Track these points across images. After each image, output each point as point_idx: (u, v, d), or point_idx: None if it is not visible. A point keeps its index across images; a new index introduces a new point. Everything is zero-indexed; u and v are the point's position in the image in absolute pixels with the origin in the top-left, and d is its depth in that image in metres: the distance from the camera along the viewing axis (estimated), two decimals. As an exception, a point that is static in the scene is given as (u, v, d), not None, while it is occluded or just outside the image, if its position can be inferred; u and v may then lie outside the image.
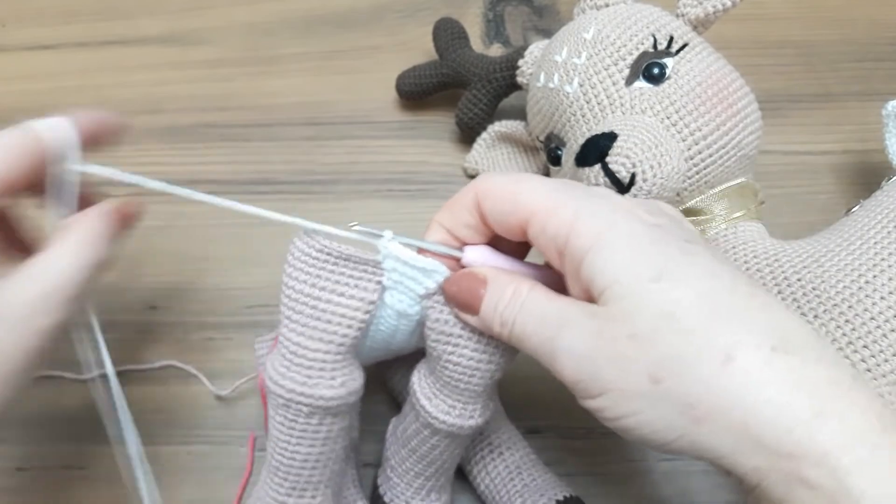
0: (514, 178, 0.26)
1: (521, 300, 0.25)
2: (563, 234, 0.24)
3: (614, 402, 0.23)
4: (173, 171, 0.48)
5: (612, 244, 0.23)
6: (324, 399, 0.28)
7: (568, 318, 0.24)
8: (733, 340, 0.21)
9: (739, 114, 0.35)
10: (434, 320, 0.28)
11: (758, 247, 0.34)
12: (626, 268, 0.22)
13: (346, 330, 0.28)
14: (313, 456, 0.29)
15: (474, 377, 0.28)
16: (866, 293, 0.31)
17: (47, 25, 0.53)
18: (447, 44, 0.46)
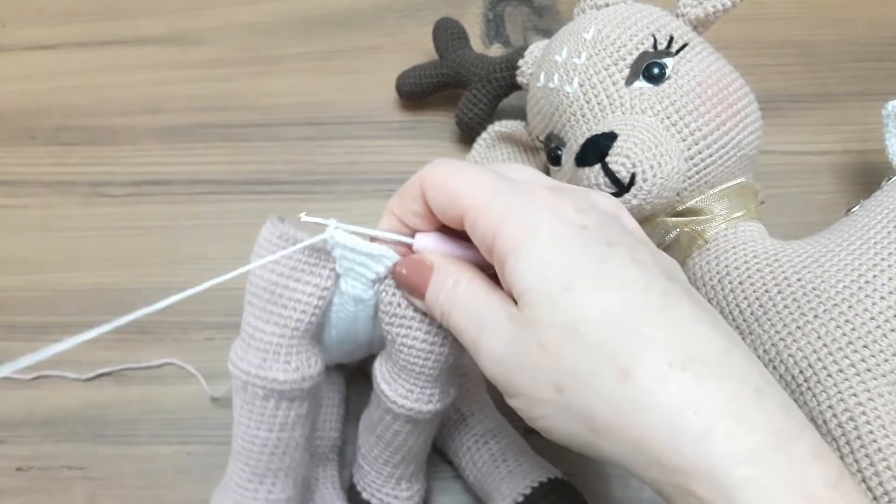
0: (454, 170, 0.26)
1: (458, 292, 0.25)
2: (490, 234, 0.24)
3: (527, 405, 0.24)
4: (173, 171, 0.48)
5: (530, 250, 0.23)
6: (277, 382, 0.28)
7: (492, 320, 0.24)
8: (632, 357, 0.21)
9: (739, 114, 0.35)
10: (387, 303, 0.28)
11: (758, 247, 0.34)
12: (540, 276, 0.23)
13: (300, 315, 0.28)
14: (272, 441, 0.29)
15: (428, 360, 0.29)
16: (866, 293, 0.31)
17: (47, 25, 0.53)
18: (447, 44, 0.46)
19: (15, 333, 0.43)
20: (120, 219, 0.46)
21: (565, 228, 0.23)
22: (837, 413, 0.29)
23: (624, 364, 0.21)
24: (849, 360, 0.30)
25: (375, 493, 0.34)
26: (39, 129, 0.49)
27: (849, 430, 0.29)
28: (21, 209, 0.47)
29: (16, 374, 0.42)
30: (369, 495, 0.34)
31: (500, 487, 0.34)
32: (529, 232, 0.23)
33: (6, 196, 0.47)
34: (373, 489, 0.34)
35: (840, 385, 0.29)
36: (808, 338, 0.31)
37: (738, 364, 0.22)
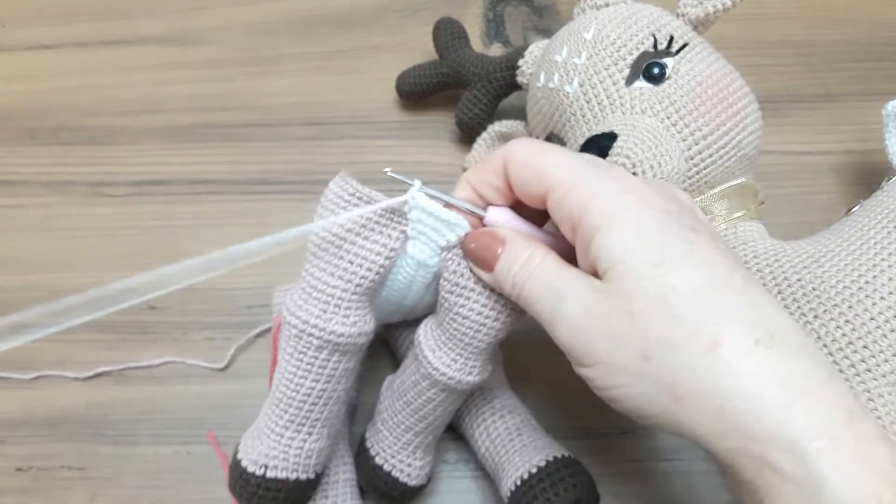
0: (540, 149, 0.27)
1: (533, 265, 0.26)
2: (577, 211, 0.25)
3: (604, 373, 0.24)
4: (173, 171, 0.48)
5: (620, 226, 0.24)
6: (335, 335, 0.29)
7: (572, 288, 0.25)
8: (720, 330, 0.22)
9: (739, 114, 0.35)
10: (451, 272, 0.29)
11: (758, 247, 0.34)
12: (631, 250, 0.24)
13: (365, 272, 0.29)
14: (316, 391, 0.30)
15: (480, 332, 0.30)
16: (866, 293, 0.31)
17: (47, 25, 0.53)
18: (447, 44, 0.46)
19: (15, 334, 0.43)
20: (120, 219, 0.46)
21: (652, 210, 0.25)
22: None
23: (711, 336, 0.22)
24: (849, 361, 0.30)
25: (389, 459, 0.35)
26: (39, 129, 0.49)
27: None
28: (21, 209, 0.47)
29: (16, 374, 0.42)
30: (382, 460, 0.35)
31: (512, 459, 0.35)
32: (619, 209, 0.24)
33: (6, 196, 0.47)
34: (387, 454, 0.35)
35: None
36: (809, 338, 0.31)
37: (812, 347, 0.23)
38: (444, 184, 0.47)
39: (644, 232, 0.24)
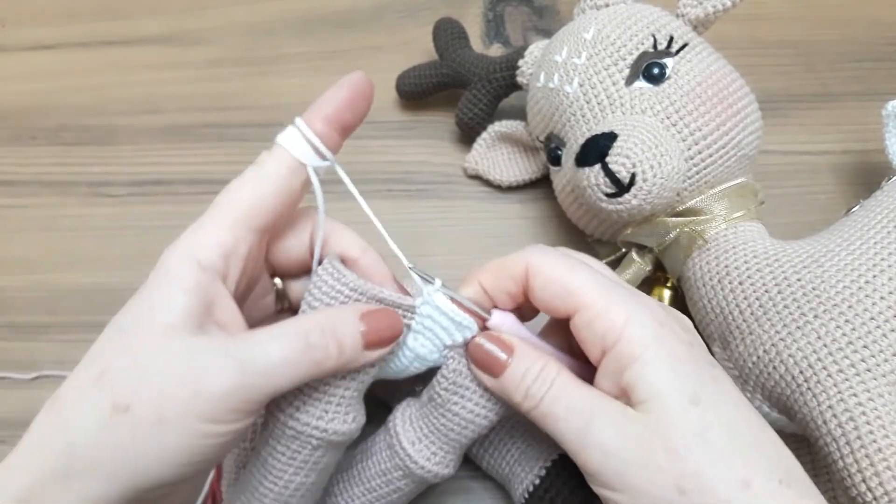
0: (568, 265, 0.27)
1: (551, 378, 0.27)
2: (612, 336, 0.25)
3: (633, 500, 0.25)
4: (173, 171, 0.48)
5: (658, 359, 0.25)
6: (337, 434, 0.28)
7: (604, 413, 0.26)
8: (749, 469, 0.24)
9: (739, 114, 0.35)
10: (451, 370, 0.29)
11: (758, 247, 0.34)
12: (670, 385, 0.25)
13: (370, 368, 0.28)
14: (305, 485, 0.29)
15: (467, 428, 0.30)
16: (866, 293, 0.31)
17: (47, 25, 0.53)
18: (447, 44, 0.46)
19: (15, 333, 0.43)
20: (120, 219, 0.46)
21: (682, 344, 0.26)
22: (837, 413, 0.29)
23: (744, 474, 0.24)
24: (849, 360, 0.30)
25: None
26: (39, 129, 0.49)
27: (849, 431, 0.29)
28: (21, 209, 0.47)
29: (16, 374, 0.42)
30: None
31: (514, 470, 0.35)
32: (656, 341, 0.25)
33: (6, 196, 0.47)
34: None
35: (840, 385, 0.29)
36: (808, 338, 0.31)
37: (814, 486, 0.25)
38: (444, 184, 0.47)
39: (679, 367, 0.25)
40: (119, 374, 0.24)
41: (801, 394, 0.31)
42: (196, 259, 0.25)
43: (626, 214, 0.34)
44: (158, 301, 0.25)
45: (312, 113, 0.28)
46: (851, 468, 0.29)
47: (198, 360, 0.24)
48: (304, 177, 0.27)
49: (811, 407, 0.30)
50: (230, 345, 0.24)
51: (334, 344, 0.25)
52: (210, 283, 0.25)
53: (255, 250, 0.27)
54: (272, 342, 0.25)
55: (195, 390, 0.23)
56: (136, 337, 0.24)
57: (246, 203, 0.26)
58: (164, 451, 0.23)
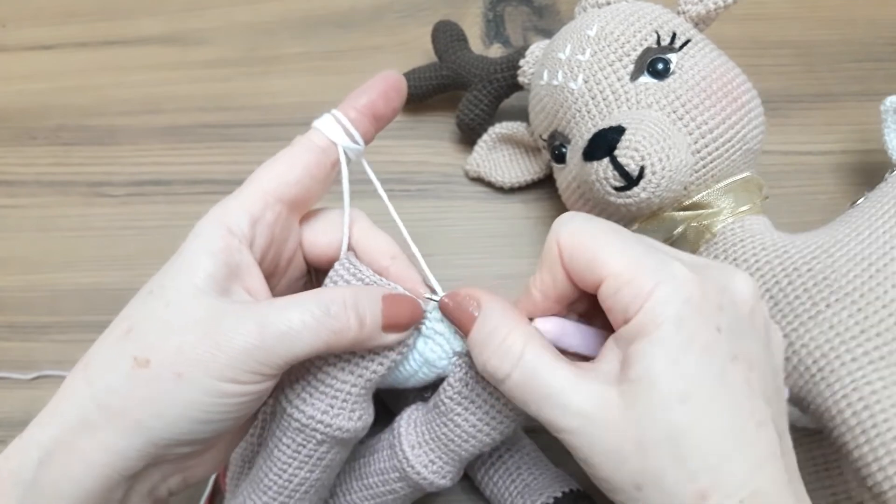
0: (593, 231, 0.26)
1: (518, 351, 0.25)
2: (635, 307, 0.24)
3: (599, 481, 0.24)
4: (173, 170, 0.48)
5: (666, 343, 0.23)
6: (341, 430, 0.28)
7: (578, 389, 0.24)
8: (713, 484, 0.23)
9: (744, 108, 0.35)
10: (458, 379, 0.29)
11: (766, 239, 0.34)
12: (664, 376, 0.23)
13: (376, 367, 0.28)
14: (310, 481, 0.29)
15: (469, 442, 0.29)
16: (877, 281, 0.31)
17: (47, 25, 0.53)
18: (446, 46, 0.46)
19: (15, 333, 0.43)
20: (120, 219, 0.46)
21: (702, 329, 0.24)
22: (853, 402, 0.29)
23: (705, 488, 0.23)
24: (862, 349, 0.30)
25: None
26: (39, 129, 0.49)
27: (864, 419, 0.29)
28: (21, 209, 0.47)
29: (16, 374, 0.42)
30: None
31: (516, 501, 0.34)
32: (674, 322, 0.23)
33: (6, 196, 0.47)
34: None
35: (855, 374, 0.29)
36: (821, 327, 0.31)
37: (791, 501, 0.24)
38: (444, 184, 0.47)
39: (685, 358, 0.23)
40: (142, 330, 0.25)
41: (814, 384, 0.31)
42: (225, 224, 0.27)
43: (635, 208, 0.34)
44: (186, 263, 0.26)
45: (347, 103, 0.30)
46: (868, 457, 0.29)
47: (218, 320, 0.25)
48: (334, 157, 0.29)
49: (825, 397, 0.30)
50: (251, 308, 0.25)
51: (355, 317, 0.26)
52: (237, 248, 0.27)
53: (284, 222, 0.29)
54: (293, 308, 0.25)
55: (213, 348, 0.24)
56: (163, 297, 0.25)
57: (275, 173, 0.28)
58: (182, 406, 0.24)
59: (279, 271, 0.30)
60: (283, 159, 0.29)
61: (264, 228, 0.28)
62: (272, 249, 0.29)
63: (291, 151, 0.29)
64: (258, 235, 0.27)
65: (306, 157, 0.29)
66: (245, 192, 0.28)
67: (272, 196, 0.28)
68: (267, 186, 0.28)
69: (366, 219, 0.31)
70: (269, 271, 0.29)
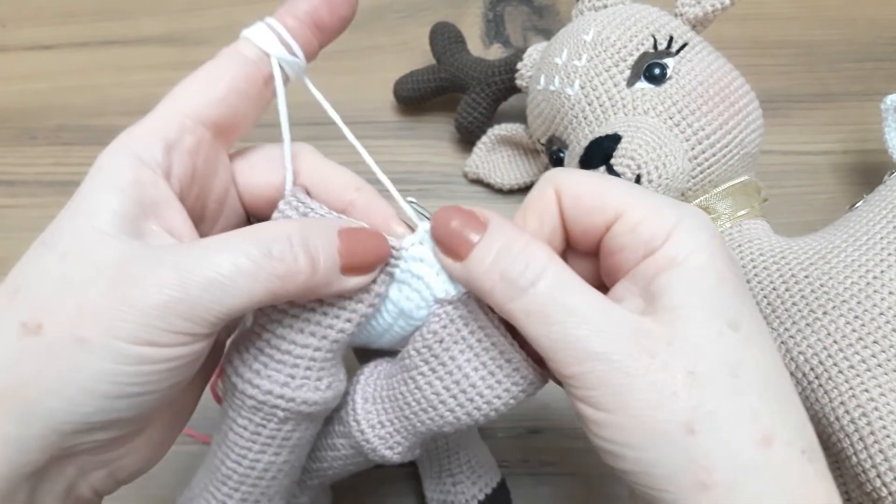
0: (600, 177, 0.24)
1: (541, 265, 0.21)
2: (659, 238, 0.21)
3: (623, 428, 0.20)
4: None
5: (704, 269, 0.21)
6: (306, 403, 0.23)
7: (612, 320, 0.21)
8: (775, 426, 0.20)
9: (741, 112, 0.35)
10: (432, 331, 0.24)
11: (763, 244, 0.34)
12: (709, 301, 0.21)
13: (343, 324, 0.23)
14: (276, 465, 0.25)
15: (427, 413, 0.25)
16: (874, 288, 0.31)
17: (47, 25, 0.53)
18: (444, 48, 0.46)
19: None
20: (120, 219, 0.46)
21: (731, 264, 0.22)
22: (850, 409, 0.29)
23: (768, 430, 0.20)
24: (859, 356, 0.30)
25: None
26: (39, 129, 0.49)
27: (861, 426, 0.29)
28: (21, 209, 0.47)
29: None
30: None
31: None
32: (706, 250, 0.21)
33: (6, 196, 0.47)
34: None
35: (851, 381, 0.29)
36: (818, 334, 0.31)
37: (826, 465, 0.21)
38: (444, 184, 0.47)
39: (724, 288, 0.21)
40: (32, 289, 0.20)
41: (812, 391, 0.31)
42: (134, 152, 0.22)
43: (631, 215, 0.34)
44: (86, 203, 0.21)
45: (285, 9, 0.25)
46: (865, 464, 0.29)
47: (126, 268, 0.20)
48: (268, 71, 0.24)
49: (823, 404, 0.30)
50: (171, 251, 0.20)
51: (304, 256, 0.21)
52: (151, 181, 0.22)
53: (208, 149, 0.24)
54: (224, 249, 0.20)
55: (121, 304, 0.19)
56: (58, 247, 0.20)
57: (195, 91, 0.23)
58: (86, 378, 0.19)
59: (209, 214, 0.25)
60: (204, 73, 0.24)
61: (183, 156, 0.23)
62: (196, 185, 0.23)
63: (214, 64, 0.24)
64: (176, 164, 0.22)
65: (232, 69, 0.24)
66: (157, 112, 0.23)
67: (191, 117, 0.23)
68: (184, 106, 0.23)
69: (313, 152, 0.26)
70: (197, 214, 0.24)
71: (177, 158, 0.23)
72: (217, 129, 0.24)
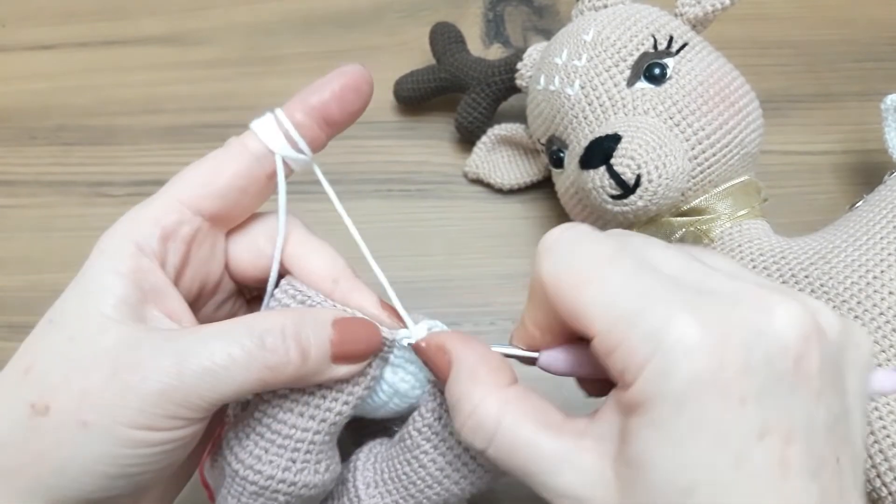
0: (581, 276, 0.20)
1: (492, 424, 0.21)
2: (631, 374, 0.19)
3: None
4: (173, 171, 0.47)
5: (665, 427, 0.18)
6: (307, 487, 0.24)
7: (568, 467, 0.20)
8: None
9: (741, 112, 0.35)
10: (430, 409, 0.25)
11: (763, 244, 0.34)
12: (665, 463, 0.19)
13: (341, 407, 0.24)
14: None
15: (433, 488, 0.25)
16: (874, 288, 0.31)
17: (47, 25, 0.53)
18: (444, 48, 0.46)
19: (15, 333, 0.43)
20: (120, 219, 0.46)
21: (716, 406, 0.18)
22: None
23: None
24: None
25: None
26: (39, 129, 0.49)
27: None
28: (21, 209, 0.47)
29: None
30: None
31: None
32: (670, 402, 0.18)
33: (6, 196, 0.47)
34: None
35: None
36: None
37: None
38: (444, 184, 0.47)
39: (690, 443, 0.18)
40: (42, 369, 0.21)
41: None
42: (133, 240, 0.23)
43: (632, 216, 0.34)
44: (91, 287, 0.22)
45: (294, 102, 0.25)
46: (865, 464, 0.29)
47: (128, 355, 0.21)
48: (272, 168, 0.25)
49: None
50: (169, 338, 0.21)
51: (295, 348, 0.22)
52: (149, 269, 0.23)
53: (204, 238, 0.24)
54: (218, 339, 0.21)
55: (123, 390, 0.20)
56: (65, 328, 0.22)
57: (197, 183, 0.24)
58: (88, 460, 0.20)
59: (205, 294, 0.26)
60: (208, 165, 0.24)
61: (179, 245, 0.23)
62: (189, 270, 0.24)
63: (219, 157, 0.24)
64: (171, 253, 0.23)
65: (235, 166, 0.24)
66: (159, 200, 0.24)
67: (190, 208, 0.23)
68: (184, 195, 0.23)
69: (301, 229, 0.26)
70: (192, 295, 0.25)
71: (172, 247, 0.23)
72: (215, 219, 0.24)
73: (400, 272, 0.29)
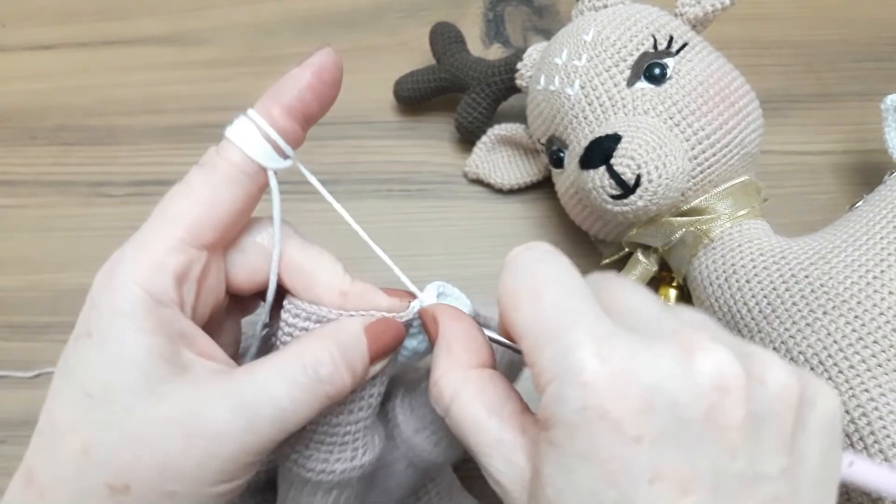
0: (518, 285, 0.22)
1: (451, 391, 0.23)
2: (539, 389, 0.20)
3: None
4: (173, 171, 0.47)
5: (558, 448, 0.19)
6: (372, 462, 0.26)
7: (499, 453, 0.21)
8: None
9: (741, 112, 0.35)
10: None
11: (763, 244, 0.34)
12: (554, 483, 0.19)
13: (380, 388, 0.26)
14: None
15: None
16: (874, 288, 0.31)
17: (47, 25, 0.53)
18: (444, 48, 0.46)
19: (15, 333, 0.43)
20: (120, 219, 0.46)
21: (607, 441, 0.18)
22: (850, 409, 0.29)
23: None
24: (859, 356, 0.30)
25: None
26: (39, 129, 0.49)
27: (862, 426, 0.29)
28: (21, 209, 0.47)
29: (16, 373, 0.42)
30: None
31: None
32: (562, 427, 0.19)
33: (6, 196, 0.47)
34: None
35: (852, 381, 0.29)
36: (818, 334, 0.31)
37: None
38: (444, 184, 0.47)
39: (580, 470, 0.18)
40: (105, 448, 0.20)
41: None
42: (150, 294, 0.21)
43: (632, 216, 0.34)
44: (126, 353, 0.21)
45: (269, 101, 0.23)
46: None
47: (196, 421, 0.21)
48: (263, 182, 0.23)
49: None
50: (229, 391, 0.21)
51: (347, 371, 0.23)
52: (173, 318, 0.22)
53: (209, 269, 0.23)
54: (277, 381, 0.22)
55: (204, 456, 0.21)
56: (115, 401, 0.21)
57: (196, 216, 0.22)
58: None
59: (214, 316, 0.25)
60: (203, 196, 0.22)
61: (192, 284, 0.23)
62: (201, 302, 0.24)
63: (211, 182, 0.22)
64: (186, 294, 0.22)
65: (231, 192, 0.23)
66: (161, 239, 0.22)
67: (193, 245, 0.22)
68: (184, 233, 0.22)
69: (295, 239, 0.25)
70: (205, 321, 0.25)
71: (186, 289, 0.23)
72: (216, 246, 0.24)
73: (400, 272, 0.29)
